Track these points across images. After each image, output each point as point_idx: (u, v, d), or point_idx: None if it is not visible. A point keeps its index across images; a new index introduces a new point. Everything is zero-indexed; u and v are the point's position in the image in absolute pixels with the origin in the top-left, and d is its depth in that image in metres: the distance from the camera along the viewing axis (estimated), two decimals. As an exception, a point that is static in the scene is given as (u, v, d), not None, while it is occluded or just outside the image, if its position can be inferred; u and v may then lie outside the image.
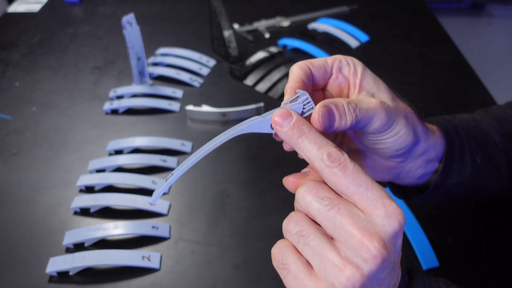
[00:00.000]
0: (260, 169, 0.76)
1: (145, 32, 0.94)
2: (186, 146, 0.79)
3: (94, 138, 0.82)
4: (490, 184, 0.51)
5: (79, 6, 1.33)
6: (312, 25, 1.17)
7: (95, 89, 0.96)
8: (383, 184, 0.39)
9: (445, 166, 0.47)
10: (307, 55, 1.04)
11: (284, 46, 1.09)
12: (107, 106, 0.89)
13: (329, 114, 0.37)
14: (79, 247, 0.63)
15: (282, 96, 0.92)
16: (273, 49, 1.03)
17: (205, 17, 1.08)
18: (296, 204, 0.35)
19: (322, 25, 1.16)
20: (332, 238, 0.33)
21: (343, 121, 0.38)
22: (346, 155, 0.33)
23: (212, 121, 0.86)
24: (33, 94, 0.95)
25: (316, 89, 0.42)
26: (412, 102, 0.45)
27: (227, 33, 0.99)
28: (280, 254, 0.34)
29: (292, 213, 0.35)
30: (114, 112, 0.89)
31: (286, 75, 0.97)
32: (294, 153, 0.73)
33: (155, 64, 1.02)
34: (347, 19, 1.19)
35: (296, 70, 0.40)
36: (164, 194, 0.71)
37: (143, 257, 0.60)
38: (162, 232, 0.64)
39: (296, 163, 0.77)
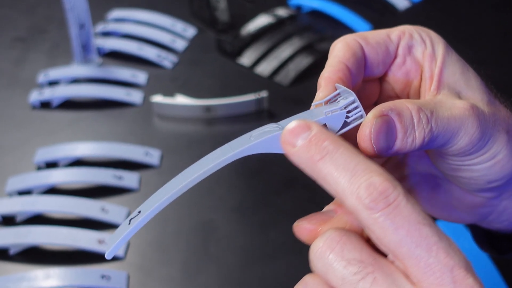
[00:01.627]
0: (260, 191, 0.76)
1: (92, -14, 0.95)
2: (153, 155, 0.80)
3: (16, 145, 0.83)
4: None
5: None
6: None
7: (16, 72, 0.97)
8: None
9: None
10: (331, 21, 1.05)
11: (298, 7, 1.10)
12: (35, 96, 0.90)
13: (387, 129, 0.36)
14: (-7, 306, 0.63)
15: (295, 82, 0.93)
16: (282, 12, 1.04)
17: (181, -35, 1.09)
18: (312, 265, 0.33)
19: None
20: None
21: (410, 140, 0.36)
22: (400, 188, 0.30)
23: (191, 119, 0.87)
24: None
25: (370, 79, 0.41)
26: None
27: (213, -11, 1.00)
28: None
29: (306, 277, 0.33)
30: (45, 105, 0.90)
31: (302, 52, 0.97)
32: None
33: (106, 34, 1.03)
34: None
35: (340, 49, 0.39)
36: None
37: (88, 322, 0.61)
38: (116, 283, 0.65)
39: (316, 183, 0.77)
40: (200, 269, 0.67)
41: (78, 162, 0.80)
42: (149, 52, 0.99)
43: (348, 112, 0.36)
